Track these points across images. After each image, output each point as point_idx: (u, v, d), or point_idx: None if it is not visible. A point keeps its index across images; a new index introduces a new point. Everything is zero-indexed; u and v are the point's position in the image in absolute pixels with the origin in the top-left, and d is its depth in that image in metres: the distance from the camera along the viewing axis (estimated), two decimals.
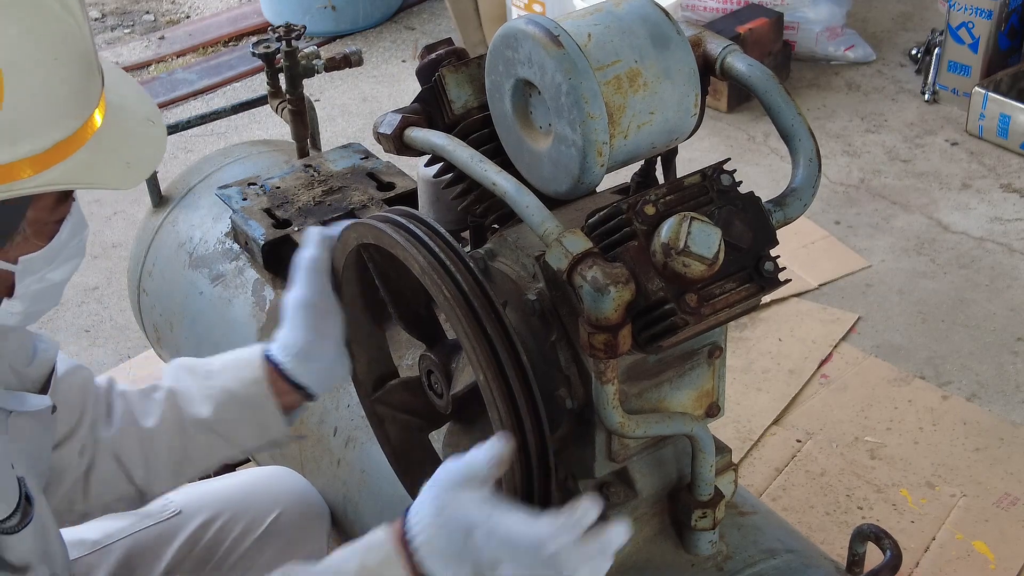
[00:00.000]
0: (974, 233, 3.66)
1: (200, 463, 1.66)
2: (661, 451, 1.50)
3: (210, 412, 1.61)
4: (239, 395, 1.61)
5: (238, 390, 1.61)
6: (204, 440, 1.63)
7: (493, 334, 1.28)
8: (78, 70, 1.21)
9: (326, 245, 1.56)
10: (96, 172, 1.22)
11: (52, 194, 1.25)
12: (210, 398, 1.61)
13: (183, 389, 1.64)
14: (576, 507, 1.28)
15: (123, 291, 3.38)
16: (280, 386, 1.60)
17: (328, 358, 1.58)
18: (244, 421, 1.62)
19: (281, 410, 1.62)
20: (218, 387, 1.62)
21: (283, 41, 2.32)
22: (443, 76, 1.52)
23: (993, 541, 2.58)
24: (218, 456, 1.66)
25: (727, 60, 1.45)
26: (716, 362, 1.46)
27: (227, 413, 1.61)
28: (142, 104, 1.33)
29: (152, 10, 5.51)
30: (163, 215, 2.46)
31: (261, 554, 1.89)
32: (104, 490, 1.64)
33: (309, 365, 1.59)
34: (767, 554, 1.54)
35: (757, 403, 2.97)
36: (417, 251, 1.33)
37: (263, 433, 1.63)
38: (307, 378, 1.60)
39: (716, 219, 1.28)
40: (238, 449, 1.66)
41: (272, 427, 1.62)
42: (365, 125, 4.41)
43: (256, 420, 1.62)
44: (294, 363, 1.59)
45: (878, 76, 4.52)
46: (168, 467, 1.64)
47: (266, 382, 1.60)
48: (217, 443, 1.64)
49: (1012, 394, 3.03)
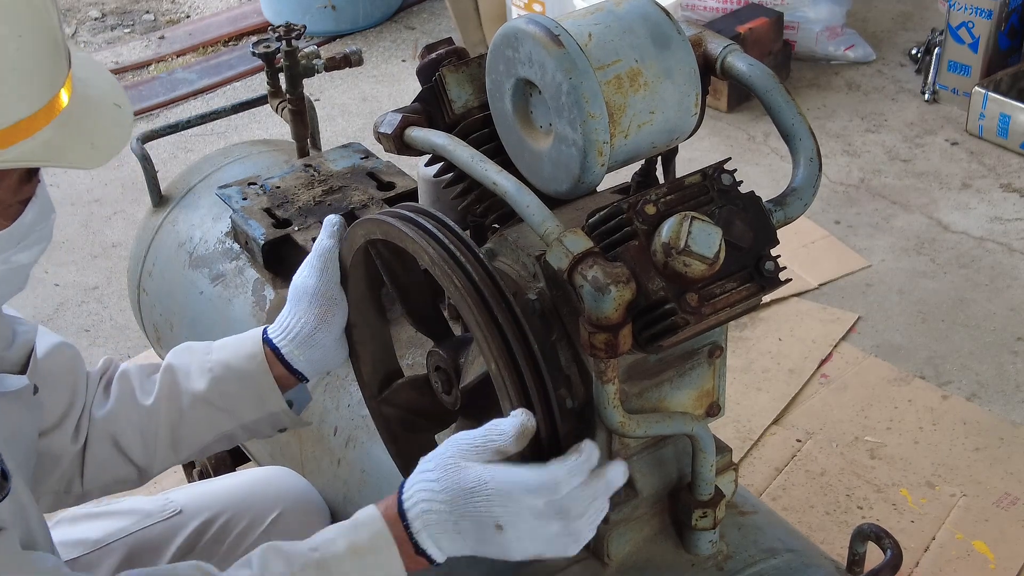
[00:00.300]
0: (974, 233, 3.66)
1: (199, 438, 1.66)
2: (661, 451, 1.50)
3: (207, 385, 1.62)
4: (236, 368, 1.61)
5: (235, 363, 1.62)
6: (202, 413, 1.63)
7: (504, 323, 1.28)
8: (44, 48, 1.21)
9: (342, 235, 1.57)
10: (60, 151, 1.22)
11: (16, 173, 1.25)
12: (208, 371, 1.62)
13: (181, 365, 1.65)
14: (581, 449, 1.29)
15: (123, 291, 3.38)
16: (275, 367, 1.61)
17: (326, 347, 1.59)
18: (241, 393, 1.62)
19: (277, 385, 1.62)
20: (215, 360, 1.63)
21: (283, 41, 2.32)
22: (443, 76, 1.52)
23: (993, 541, 2.58)
24: (217, 430, 1.65)
25: (727, 60, 1.45)
26: (716, 362, 1.46)
27: (224, 385, 1.62)
28: (109, 88, 1.33)
29: (152, 10, 5.51)
30: (163, 215, 2.46)
31: None
32: (101, 472, 1.65)
33: (306, 351, 1.59)
34: (767, 554, 1.54)
35: (757, 403, 2.97)
36: (427, 243, 1.33)
37: (260, 406, 1.63)
38: (302, 363, 1.61)
39: (717, 219, 1.28)
40: (237, 423, 1.65)
41: (269, 400, 1.62)
42: (365, 125, 4.41)
43: (253, 392, 1.62)
44: (291, 347, 1.60)
45: (878, 76, 4.52)
46: (167, 443, 1.65)
47: (263, 357, 1.61)
48: (215, 416, 1.64)
49: (1012, 394, 3.03)
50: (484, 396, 1.43)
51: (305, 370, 1.61)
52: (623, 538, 1.50)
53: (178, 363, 1.66)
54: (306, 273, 1.58)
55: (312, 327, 1.57)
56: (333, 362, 1.62)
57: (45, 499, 1.65)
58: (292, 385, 1.63)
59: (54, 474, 1.63)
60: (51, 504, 1.67)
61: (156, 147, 3.03)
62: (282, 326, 1.60)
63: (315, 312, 1.57)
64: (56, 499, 1.67)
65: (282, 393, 1.63)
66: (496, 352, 1.28)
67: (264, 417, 1.65)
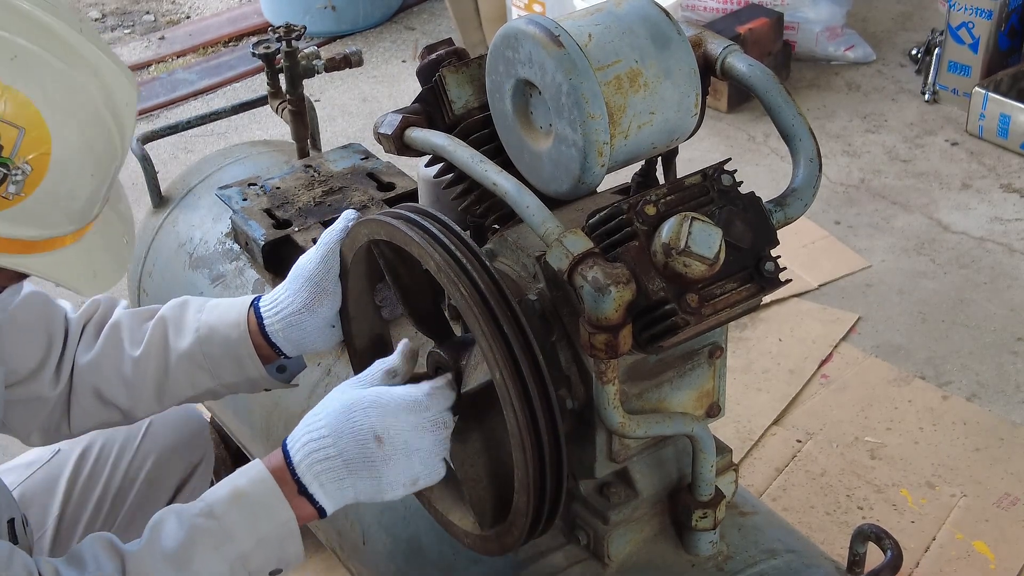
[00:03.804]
0: (974, 233, 3.66)
1: (182, 391, 1.72)
2: (662, 451, 1.50)
3: (190, 344, 1.67)
4: (220, 332, 1.67)
5: (220, 327, 1.67)
6: (186, 369, 1.69)
7: (509, 332, 1.28)
8: (100, 187, 1.31)
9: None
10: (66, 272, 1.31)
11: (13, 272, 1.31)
12: (195, 331, 1.68)
13: (173, 319, 1.70)
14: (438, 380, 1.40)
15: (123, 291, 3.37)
16: (257, 338, 1.66)
17: (308, 331, 1.63)
18: (223, 356, 1.67)
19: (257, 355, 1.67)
20: (203, 321, 1.68)
21: (283, 41, 2.31)
22: (443, 76, 1.52)
23: (993, 541, 2.58)
24: (200, 386, 1.71)
25: (727, 60, 1.45)
26: (717, 362, 1.46)
27: (207, 347, 1.67)
28: (125, 222, 1.42)
29: (152, 10, 5.51)
30: (163, 215, 2.46)
31: (144, 464, 1.97)
32: (87, 418, 1.73)
33: (288, 330, 1.64)
34: (768, 554, 1.54)
35: (757, 403, 2.97)
36: (433, 248, 1.33)
37: (240, 371, 1.68)
38: (282, 340, 1.65)
39: (717, 219, 1.28)
40: (218, 382, 1.70)
41: (249, 367, 1.67)
42: (365, 125, 4.41)
43: (233, 357, 1.67)
44: (274, 323, 1.64)
45: (878, 76, 4.52)
46: (152, 393, 1.70)
47: (247, 325, 1.66)
48: (198, 374, 1.69)
49: (1012, 394, 3.03)
50: (485, 398, 1.43)
51: (284, 347, 1.66)
52: (623, 539, 1.50)
53: (170, 316, 1.71)
54: (310, 257, 1.62)
55: (298, 308, 1.62)
56: (315, 346, 1.66)
57: (36, 435, 1.73)
58: (273, 358, 1.68)
59: (41, 414, 1.70)
60: (42, 439, 1.75)
61: (156, 148, 3.03)
62: (273, 300, 1.66)
63: (305, 296, 1.61)
64: (46, 436, 1.74)
65: (269, 359, 1.68)
66: (501, 362, 1.28)
67: (244, 381, 1.70)
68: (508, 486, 1.40)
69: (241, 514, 1.38)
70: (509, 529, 1.41)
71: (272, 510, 1.38)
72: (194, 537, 1.36)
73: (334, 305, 1.61)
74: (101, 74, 1.25)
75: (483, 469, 1.49)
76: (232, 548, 1.37)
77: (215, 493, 1.41)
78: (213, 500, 1.40)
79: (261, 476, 1.39)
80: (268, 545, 1.38)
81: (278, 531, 1.38)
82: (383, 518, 1.79)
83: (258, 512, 1.38)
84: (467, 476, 1.48)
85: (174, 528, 1.37)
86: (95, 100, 1.25)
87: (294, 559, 1.42)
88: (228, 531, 1.37)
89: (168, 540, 1.36)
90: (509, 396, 1.29)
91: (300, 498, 1.38)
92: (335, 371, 1.95)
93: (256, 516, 1.38)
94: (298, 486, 1.38)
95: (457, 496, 1.53)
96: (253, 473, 1.40)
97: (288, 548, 1.40)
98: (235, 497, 1.39)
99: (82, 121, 1.24)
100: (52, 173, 1.22)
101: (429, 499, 1.55)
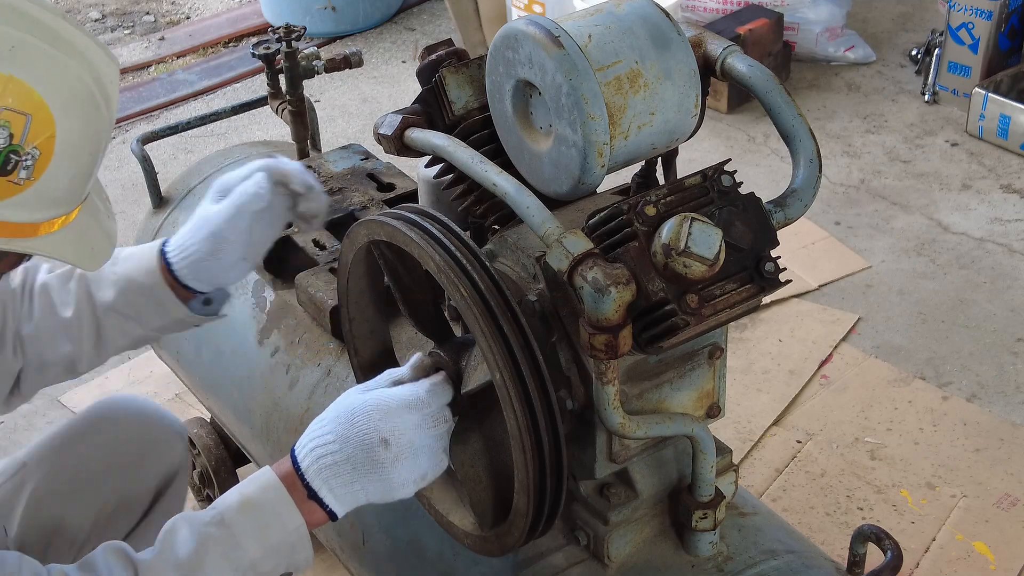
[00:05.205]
0: (974, 234, 3.66)
1: (117, 342, 1.81)
2: (662, 452, 1.50)
3: (113, 296, 1.75)
4: (137, 281, 1.75)
5: (136, 276, 1.75)
6: (115, 321, 1.77)
7: (510, 334, 1.28)
8: (96, 165, 1.36)
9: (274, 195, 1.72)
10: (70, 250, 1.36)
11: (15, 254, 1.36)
12: (115, 284, 1.76)
13: (93, 275, 1.77)
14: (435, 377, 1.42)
15: None
16: (172, 281, 1.75)
17: (215, 272, 1.73)
18: (145, 303, 1.76)
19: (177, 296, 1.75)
20: (120, 274, 1.76)
21: (283, 42, 2.31)
22: (443, 77, 1.52)
23: (993, 542, 2.58)
24: (132, 334, 1.80)
25: (727, 61, 1.46)
26: (717, 363, 1.46)
27: (129, 296, 1.75)
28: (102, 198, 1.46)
29: (152, 11, 5.50)
30: (163, 216, 2.46)
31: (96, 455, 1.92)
32: (39, 383, 1.82)
33: (196, 272, 1.73)
34: (768, 555, 1.54)
35: (757, 404, 2.97)
36: (433, 249, 1.33)
37: (165, 313, 1.77)
38: (192, 281, 1.74)
39: (717, 220, 1.28)
40: (148, 328, 1.79)
41: (171, 309, 1.76)
42: (365, 126, 4.40)
43: (155, 303, 1.76)
44: (182, 267, 1.73)
45: (878, 77, 4.52)
46: (90, 347, 1.78)
47: (159, 271, 1.75)
48: (126, 324, 1.78)
49: (1012, 395, 3.02)
50: (485, 399, 1.43)
51: (197, 287, 1.74)
52: (623, 539, 1.50)
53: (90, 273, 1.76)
54: (218, 208, 1.71)
55: (203, 256, 1.72)
56: (228, 281, 1.77)
57: None
58: (190, 296, 1.76)
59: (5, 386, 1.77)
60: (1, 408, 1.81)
61: (156, 148, 3.03)
62: (179, 246, 1.74)
63: (209, 246, 1.72)
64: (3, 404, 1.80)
65: (189, 298, 1.76)
66: (502, 364, 1.28)
67: (171, 322, 1.78)
68: (508, 487, 1.40)
69: (251, 522, 1.39)
70: (509, 530, 1.41)
71: (282, 517, 1.39)
72: (206, 545, 1.38)
73: (239, 247, 1.70)
74: (87, 55, 1.30)
75: (483, 470, 1.49)
76: (242, 556, 1.38)
77: (225, 501, 1.42)
78: (224, 508, 1.41)
79: (271, 483, 1.40)
80: (278, 552, 1.40)
81: (288, 537, 1.39)
82: (383, 519, 1.79)
83: (268, 520, 1.39)
84: (467, 477, 1.49)
85: (186, 536, 1.38)
86: (85, 80, 1.29)
87: (304, 564, 1.43)
88: (238, 539, 1.38)
89: (181, 549, 1.38)
90: (509, 397, 1.29)
91: (310, 503, 1.39)
92: (335, 371, 1.95)
93: (267, 524, 1.39)
94: (308, 491, 1.39)
95: (457, 497, 1.53)
96: (263, 480, 1.41)
97: (298, 553, 1.41)
98: (245, 505, 1.40)
99: (78, 102, 1.29)
100: (57, 155, 1.27)
101: (429, 500, 1.56)
